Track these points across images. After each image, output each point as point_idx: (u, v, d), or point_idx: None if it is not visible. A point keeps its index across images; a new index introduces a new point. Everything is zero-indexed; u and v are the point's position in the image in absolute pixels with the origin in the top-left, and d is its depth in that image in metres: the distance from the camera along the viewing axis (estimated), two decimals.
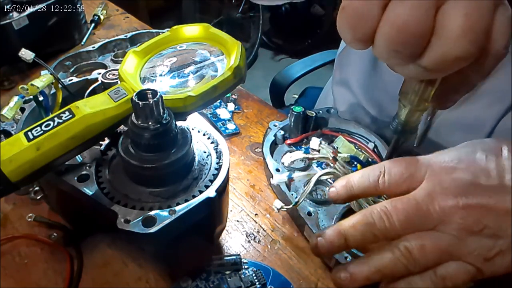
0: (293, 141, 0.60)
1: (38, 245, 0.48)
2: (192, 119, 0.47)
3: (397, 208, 0.38)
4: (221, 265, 0.45)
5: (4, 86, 0.73)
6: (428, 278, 0.37)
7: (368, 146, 0.59)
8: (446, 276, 0.37)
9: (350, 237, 0.39)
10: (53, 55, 0.77)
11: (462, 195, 0.37)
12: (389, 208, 0.39)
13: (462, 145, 0.41)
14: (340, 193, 0.43)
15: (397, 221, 0.38)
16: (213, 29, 0.47)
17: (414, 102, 0.38)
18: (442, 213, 0.37)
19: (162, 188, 0.40)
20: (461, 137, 0.58)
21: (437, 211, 0.37)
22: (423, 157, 0.41)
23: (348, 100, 0.76)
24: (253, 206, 0.54)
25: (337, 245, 0.40)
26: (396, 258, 0.38)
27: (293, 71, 1.20)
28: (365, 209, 0.40)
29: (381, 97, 0.69)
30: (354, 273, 0.40)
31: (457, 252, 0.37)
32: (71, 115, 0.37)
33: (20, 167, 0.35)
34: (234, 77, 0.41)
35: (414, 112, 0.39)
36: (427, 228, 0.38)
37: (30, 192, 0.52)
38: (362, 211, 0.40)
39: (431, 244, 0.37)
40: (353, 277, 0.39)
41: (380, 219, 0.38)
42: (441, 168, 0.39)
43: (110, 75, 0.52)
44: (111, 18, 0.98)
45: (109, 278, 0.45)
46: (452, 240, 0.37)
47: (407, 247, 0.37)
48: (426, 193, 0.38)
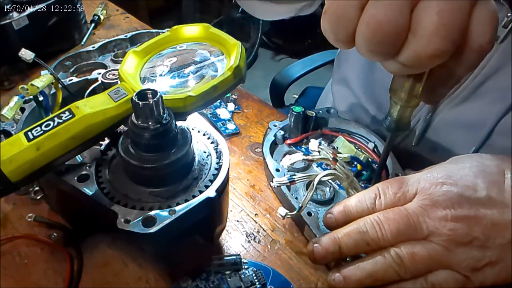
0: (293, 141, 0.60)
1: (38, 245, 0.48)
2: (192, 119, 0.47)
3: (389, 218, 0.40)
4: (221, 265, 0.45)
5: (4, 86, 0.73)
6: (419, 285, 0.39)
7: (368, 146, 0.59)
8: (436, 284, 0.38)
9: (344, 245, 0.41)
10: (53, 55, 0.77)
11: (451, 208, 0.39)
12: (382, 218, 0.41)
13: (449, 161, 0.44)
14: (338, 220, 0.44)
15: (389, 231, 0.40)
16: (213, 29, 0.47)
17: (404, 98, 0.39)
18: (432, 225, 0.39)
19: (162, 188, 0.40)
20: (461, 135, 0.58)
21: (427, 222, 0.39)
22: (413, 175, 0.43)
23: (348, 99, 0.76)
24: (253, 206, 0.54)
25: (331, 252, 0.42)
26: (387, 264, 0.39)
27: (293, 71, 1.21)
28: (360, 219, 0.42)
29: (380, 94, 0.69)
30: (347, 276, 0.41)
31: (447, 261, 0.38)
32: (71, 115, 0.37)
33: (20, 167, 0.35)
34: (234, 77, 0.41)
35: (405, 108, 0.39)
36: (417, 239, 0.39)
37: (30, 192, 0.52)
38: (357, 221, 0.42)
39: (421, 252, 0.39)
40: (346, 280, 0.41)
41: (373, 228, 0.40)
42: (431, 183, 0.41)
43: (110, 75, 0.52)
44: (111, 18, 0.98)
45: (109, 278, 0.45)
46: (441, 250, 0.38)
47: (398, 253, 0.39)
48: (417, 205, 0.40)
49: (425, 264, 0.39)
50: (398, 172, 0.54)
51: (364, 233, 0.41)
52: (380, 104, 0.70)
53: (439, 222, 0.39)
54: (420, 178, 0.42)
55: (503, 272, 0.38)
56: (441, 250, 0.38)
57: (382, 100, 0.69)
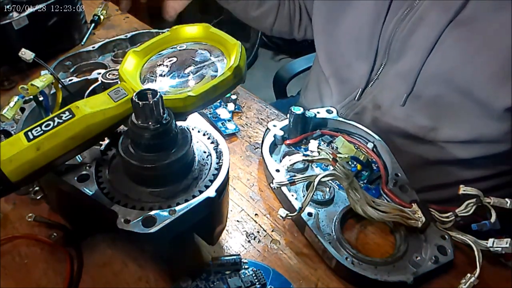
0: (292, 142, 0.60)
1: (38, 245, 0.48)
2: (192, 119, 0.47)
3: None
4: (221, 265, 0.45)
5: (4, 86, 0.73)
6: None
7: (367, 146, 0.59)
8: None
9: None
10: (53, 55, 0.77)
11: None
12: None
13: None
14: None
15: None
16: (213, 29, 0.47)
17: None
18: None
19: (162, 188, 0.40)
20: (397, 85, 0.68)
21: None
22: None
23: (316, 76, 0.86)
24: (253, 206, 0.54)
25: None
26: None
27: (296, 65, 1.26)
28: None
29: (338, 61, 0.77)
30: None
31: None
32: (71, 115, 0.37)
33: (20, 167, 0.35)
34: (234, 77, 0.41)
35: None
36: None
37: (30, 192, 0.52)
38: None
39: None
40: None
41: None
42: None
43: (110, 75, 0.52)
44: (111, 18, 0.98)
45: (109, 278, 0.45)
46: None
47: None
48: None
49: None
50: (398, 172, 0.54)
51: None
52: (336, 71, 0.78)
53: None
54: None
55: None
56: None
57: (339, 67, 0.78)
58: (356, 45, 0.73)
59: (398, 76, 0.67)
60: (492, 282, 0.46)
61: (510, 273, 0.48)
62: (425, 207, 0.48)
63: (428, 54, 0.62)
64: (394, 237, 0.50)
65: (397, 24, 0.66)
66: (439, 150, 0.69)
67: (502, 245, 0.45)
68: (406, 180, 0.53)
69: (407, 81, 0.66)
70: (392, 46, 0.67)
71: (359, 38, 0.72)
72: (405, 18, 0.65)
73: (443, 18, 0.60)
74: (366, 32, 0.70)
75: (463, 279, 0.44)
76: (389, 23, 0.67)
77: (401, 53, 0.67)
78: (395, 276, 0.44)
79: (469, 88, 0.60)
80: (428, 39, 0.62)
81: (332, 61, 0.80)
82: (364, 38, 0.71)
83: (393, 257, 0.46)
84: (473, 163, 0.69)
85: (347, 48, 0.75)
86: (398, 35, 0.66)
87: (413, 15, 0.64)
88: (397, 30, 0.66)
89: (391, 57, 0.68)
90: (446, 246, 0.47)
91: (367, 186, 0.55)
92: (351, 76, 0.75)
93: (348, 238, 0.49)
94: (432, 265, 0.45)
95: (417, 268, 0.45)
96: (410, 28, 0.64)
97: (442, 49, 0.62)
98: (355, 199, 0.47)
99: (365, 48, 0.71)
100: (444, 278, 0.47)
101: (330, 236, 0.48)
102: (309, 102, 0.91)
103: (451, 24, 0.60)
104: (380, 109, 0.72)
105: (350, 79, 0.75)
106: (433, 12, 0.62)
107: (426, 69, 0.63)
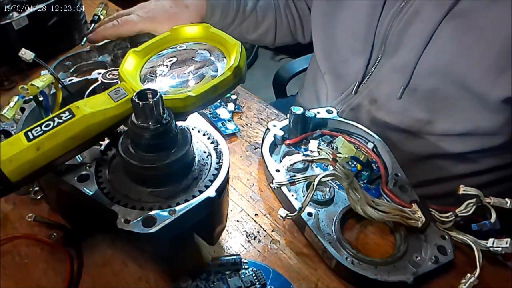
0: (292, 142, 0.60)
1: (38, 245, 0.48)
2: (192, 119, 0.47)
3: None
4: (221, 265, 0.45)
5: (4, 86, 0.73)
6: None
7: (367, 146, 0.59)
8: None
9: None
10: (53, 55, 0.77)
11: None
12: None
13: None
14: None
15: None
16: (213, 29, 0.47)
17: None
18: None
19: (162, 188, 0.40)
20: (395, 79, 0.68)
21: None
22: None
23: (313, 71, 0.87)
24: (253, 206, 0.54)
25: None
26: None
27: (296, 65, 1.25)
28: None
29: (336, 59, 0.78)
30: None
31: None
32: (71, 115, 0.37)
33: (20, 167, 0.35)
34: (234, 77, 0.41)
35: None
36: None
37: (30, 192, 0.52)
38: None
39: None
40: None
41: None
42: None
43: (110, 75, 0.52)
44: None
45: (109, 278, 0.45)
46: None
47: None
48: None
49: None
50: (398, 172, 0.54)
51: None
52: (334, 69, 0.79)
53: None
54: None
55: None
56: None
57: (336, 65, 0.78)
58: (353, 40, 0.73)
59: (394, 70, 0.68)
60: (492, 282, 0.46)
61: (510, 273, 0.48)
62: (425, 207, 0.48)
63: (424, 47, 0.63)
64: (394, 237, 0.50)
65: (393, 18, 0.66)
66: (435, 144, 0.69)
67: (502, 245, 0.45)
68: (406, 180, 0.53)
69: (403, 75, 0.66)
70: (388, 40, 0.68)
71: (355, 33, 0.72)
72: (400, 12, 0.65)
73: (439, 11, 0.60)
74: (362, 27, 0.70)
75: (463, 279, 0.44)
76: (385, 17, 0.67)
77: (397, 47, 0.67)
78: (395, 276, 0.44)
79: (465, 80, 0.60)
80: (423, 32, 0.62)
81: (328, 57, 0.80)
82: (360, 33, 0.71)
83: (393, 257, 0.46)
84: (468, 158, 0.69)
85: (343, 44, 0.75)
86: (394, 29, 0.66)
87: (408, 9, 0.64)
88: (393, 24, 0.66)
89: (387, 51, 0.69)
90: (446, 246, 0.47)
91: (367, 186, 0.55)
92: (347, 72, 0.75)
93: (348, 238, 0.49)
94: (432, 265, 0.45)
95: (417, 268, 0.45)
96: (406, 21, 0.64)
97: (438, 42, 0.62)
98: (355, 199, 0.47)
99: (361, 43, 0.71)
100: (444, 278, 0.47)
101: (330, 236, 0.48)
102: (306, 101, 0.91)
103: (447, 17, 0.60)
104: (376, 103, 0.72)
105: (346, 74, 0.75)
106: (429, 5, 0.62)
107: (422, 63, 0.64)
